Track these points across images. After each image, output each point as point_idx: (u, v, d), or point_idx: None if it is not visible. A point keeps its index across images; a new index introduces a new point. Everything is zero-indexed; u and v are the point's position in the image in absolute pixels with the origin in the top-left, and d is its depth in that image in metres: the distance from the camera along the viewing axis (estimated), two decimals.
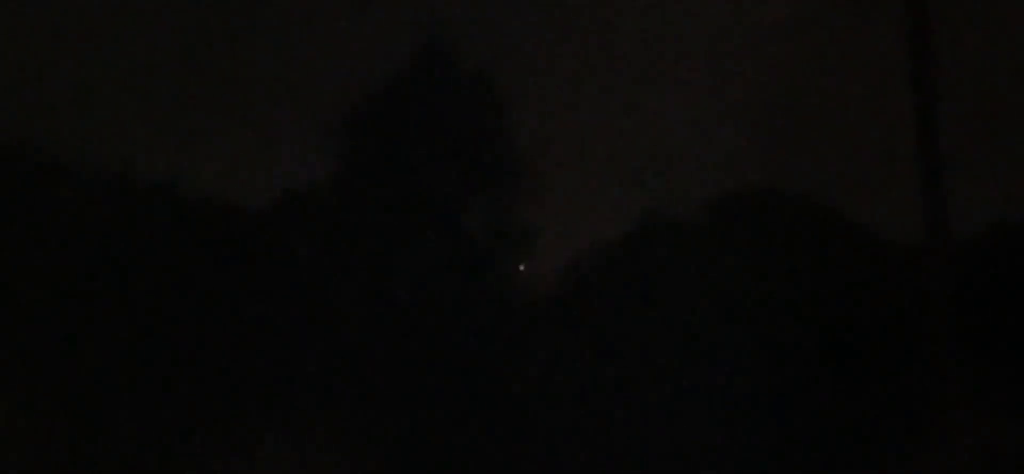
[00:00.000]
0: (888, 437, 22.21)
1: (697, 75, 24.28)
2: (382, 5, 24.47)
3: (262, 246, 23.24)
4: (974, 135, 22.72)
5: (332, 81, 24.17)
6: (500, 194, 24.27)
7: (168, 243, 22.86)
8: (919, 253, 21.10)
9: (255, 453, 22.46)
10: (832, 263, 23.28)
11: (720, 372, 22.34)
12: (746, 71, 24.27)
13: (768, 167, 23.78)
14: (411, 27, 24.26)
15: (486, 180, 24.26)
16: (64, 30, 23.80)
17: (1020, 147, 23.41)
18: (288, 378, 22.68)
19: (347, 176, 24.16)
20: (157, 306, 22.50)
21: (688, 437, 22.06)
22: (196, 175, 23.28)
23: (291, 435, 22.54)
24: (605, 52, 24.65)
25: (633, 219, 24.08)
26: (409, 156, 24.05)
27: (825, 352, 22.55)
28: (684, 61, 24.35)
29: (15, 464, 21.42)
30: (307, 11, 24.53)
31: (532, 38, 24.26)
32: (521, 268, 23.79)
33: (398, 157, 24.04)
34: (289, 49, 24.39)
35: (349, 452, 22.61)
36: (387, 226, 23.63)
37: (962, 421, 20.42)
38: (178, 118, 23.80)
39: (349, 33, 24.40)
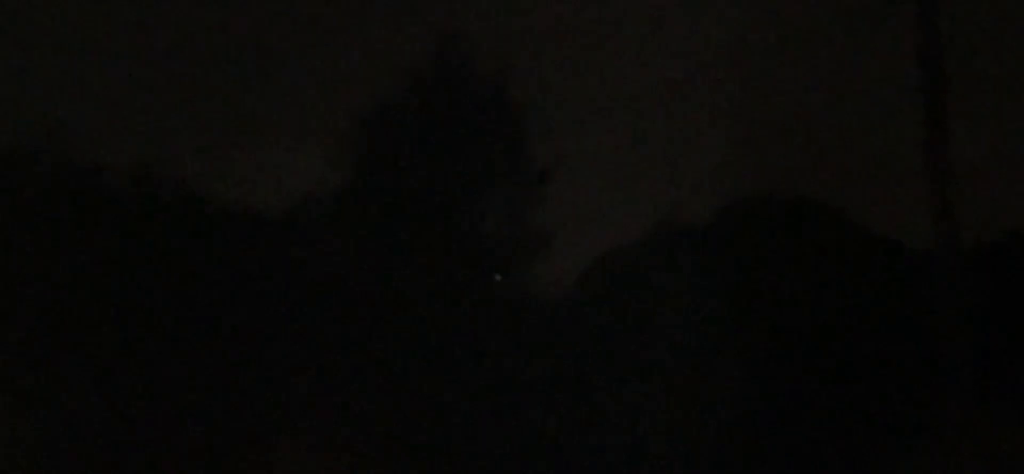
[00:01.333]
0: (896, 440, 22.21)
1: (710, 81, 24.32)
2: (397, 10, 24.57)
3: (276, 248, 23.34)
4: (985, 140, 22.72)
5: (347, 86, 24.29)
6: (514, 199, 24.32)
7: (182, 246, 22.99)
8: (929, 258, 21.07)
9: (267, 455, 22.57)
10: (843, 268, 23.27)
11: (731, 374, 22.37)
12: (759, 77, 24.30)
13: (780, 172, 23.80)
14: (426, 32, 24.37)
15: (500, 185, 24.32)
16: (78, 34, 23.98)
17: None
18: (301, 380, 22.77)
19: (362, 180, 24.24)
20: (171, 308, 22.62)
21: (696, 437, 22.11)
22: (210, 178, 23.41)
23: (303, 437, 22.63)
24: (619, 58, 24.73)
25: (646, 224, 24.11)
26: (423, 161, 24.14)
27: (835, 356, 22.55)
28: (698, 67, 24.39)
29: (21, 465, 21.56)
30: (322, 15, 24.65)
31: (546, 44, 24.34)
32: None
33: (412, 162, 24.13)
34: (304, 53, 24.50)
35: (361, 453, 22.69)
36: (401, 230, 23.72)
37: (970, 425, 20.40)
38: (193, 123, 23.95)
39: (364, 38, 24.51)
